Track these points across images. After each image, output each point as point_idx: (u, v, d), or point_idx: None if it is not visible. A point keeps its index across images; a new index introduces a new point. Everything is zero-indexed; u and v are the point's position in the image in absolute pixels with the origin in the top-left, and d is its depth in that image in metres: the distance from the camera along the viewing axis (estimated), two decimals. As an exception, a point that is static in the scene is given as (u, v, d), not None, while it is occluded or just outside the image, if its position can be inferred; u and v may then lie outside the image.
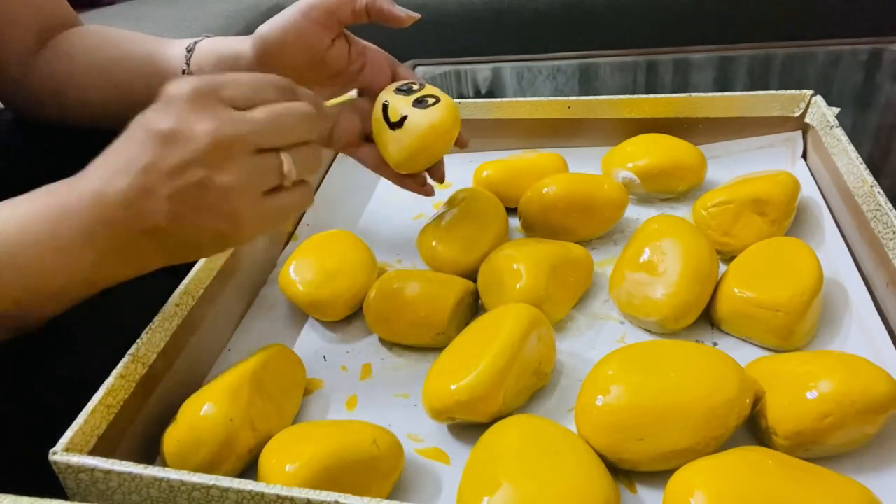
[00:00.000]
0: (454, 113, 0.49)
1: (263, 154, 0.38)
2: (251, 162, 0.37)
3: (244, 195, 0.37)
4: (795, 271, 0.46)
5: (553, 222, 0.57)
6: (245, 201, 0.37)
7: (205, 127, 0.36)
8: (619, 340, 0.49)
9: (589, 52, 0.93)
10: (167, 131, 0.36)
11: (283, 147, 0.39)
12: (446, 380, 0.41)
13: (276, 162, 0.39)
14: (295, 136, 0.40)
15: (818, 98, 0.61)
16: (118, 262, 0.38)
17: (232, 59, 0.52)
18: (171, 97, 0.37)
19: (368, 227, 0.64)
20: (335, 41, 0.51)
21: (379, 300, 0.49)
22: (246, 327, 0.53)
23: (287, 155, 0.39)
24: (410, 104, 0.49)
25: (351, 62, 0.53)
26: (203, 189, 0.36)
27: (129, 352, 0.41)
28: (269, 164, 0.38)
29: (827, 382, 0.37)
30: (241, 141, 0.37)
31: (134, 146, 0.37)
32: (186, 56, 0.54)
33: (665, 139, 0.63)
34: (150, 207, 0.36)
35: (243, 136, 0.37)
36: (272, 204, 0.39)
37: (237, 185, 0.37)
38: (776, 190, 0.52)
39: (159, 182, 0.36)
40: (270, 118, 0.38)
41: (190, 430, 0.40)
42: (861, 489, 0.34)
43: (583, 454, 0.37)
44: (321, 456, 0.37)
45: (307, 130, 0.40)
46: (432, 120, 0.48)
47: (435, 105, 0.49)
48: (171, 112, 0.36)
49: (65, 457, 0.35)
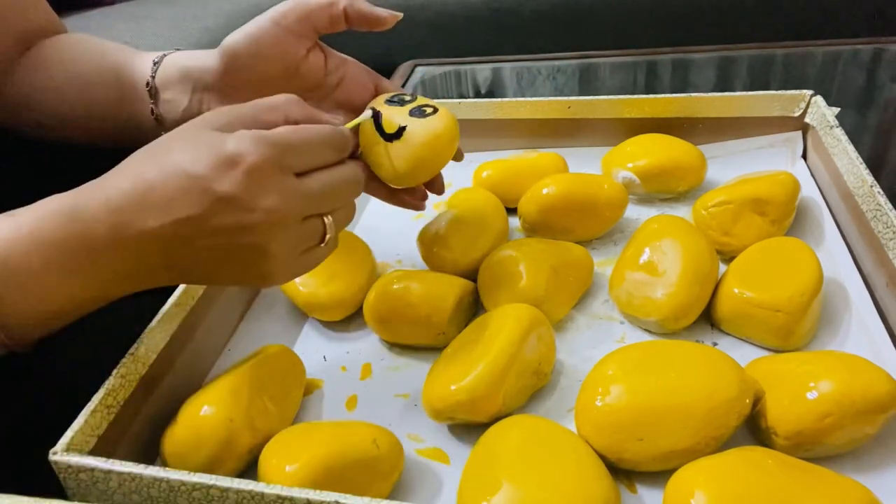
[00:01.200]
0: (455, 122, 0.46)
1: (310, 220, 0.38)
2: (298, 230, 0.38)
3: (283, 257, 0.38)
4: (795, 271, 0.46)
5: (553, 222, 0.57)
6: (283, 262, 0.38)
7: (268, 203, 0.35)
8: (619, 340, 0.49)
9: (589, 52, 0.93)
10: (227, 196, 0.35)
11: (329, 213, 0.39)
12: (446, 380, 0.41)
13: (320, 228, 0.39)
14: (341, 202, 0.40)
15: (818, 98, 0.61)
16: (130, 286, 0.38)
17: (198, 72, 0.50)
18: (235, 160, 0.35)
19: (368, 227, 0.64)
20: (310, 52, 0.48)
21: (379, 300, 0.49)
22: (246, 327, 0.53)
23: (330, 219, 0.39)
24: (407, 114, 0.46)
25: (328, 74, 0.49)
26: (246, 254, 0.36)
27: (129, 352, 0.41)
28: (314, 229, 0.39)
29: (827, 382, 0.37)
30: (294, 214, 0.37)
31: (180, 192, 0.35)
32: (153, 69, 0.52)
33: (665, 139, 0.63)
34: (183, 254, 0.36)
35: (297, 209, 0.37)
36: (305, 260, 0.40)
37: (281, 251, 0.37)
38: (776, 190, 0.52)
39: (200, 236, 0.36)
40: (325, 189, 0.38)
41: (190, 431, 0.40)
42: (861, 489, 0.34)
43: (583, 454, 0.37)
44: (321, 456, 0.37)
45: (352, 194, 0.41)
46: (435, 129, 0.45)
47: (434, 114, 0.46)
48: (233, 177, 0.35)
49: (65, 457, 0.35)
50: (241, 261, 0.37)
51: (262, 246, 0.36)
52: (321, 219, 0.39)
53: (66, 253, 0.35)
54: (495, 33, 1.08)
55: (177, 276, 0.39)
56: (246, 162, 0.35)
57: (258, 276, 0.38)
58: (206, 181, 0.35)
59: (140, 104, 0.52)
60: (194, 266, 0.37)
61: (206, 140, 0.36)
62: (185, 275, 0.39)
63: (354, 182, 0.41)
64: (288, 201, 0.36)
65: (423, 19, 1.04)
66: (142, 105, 0.52)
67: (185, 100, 0.51)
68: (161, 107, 0.52)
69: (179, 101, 0.51)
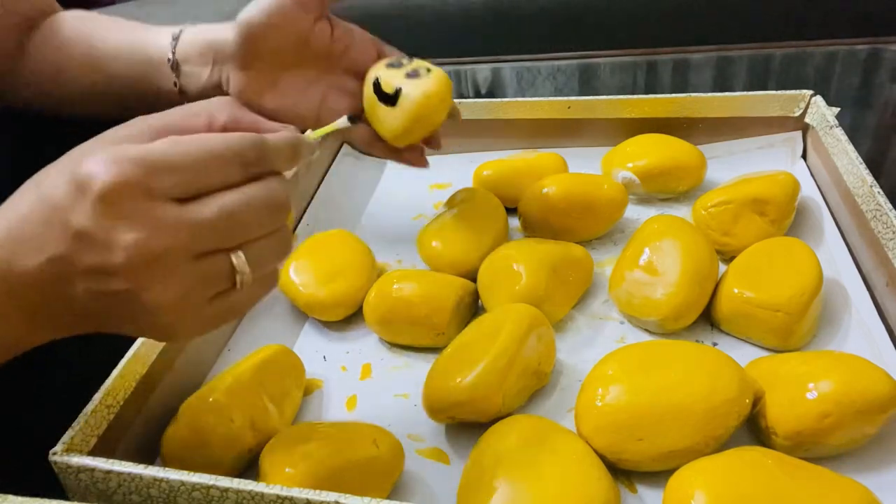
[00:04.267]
0: (447, 81, 0.49)
1: (208, 257, 0.31)
2: (190, 272, 0.30)
3: (180, 309, 0.30)
4: (795, 271, 0.46)
5: (553, 222, 0.57)
6: (180, 314, 0.31)
7: (126, 238, 0.28)
8: (619, 340, 0.49)
9: (589, 52, 0.93)
10: (81, 232, 0.29)
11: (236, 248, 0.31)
12: (446, 380, 0.41)
13: (226, 267, 0.31)
14: (254, 231, 0.32)
15: (818, 98, 0.61)
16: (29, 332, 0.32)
17: (217, 45, 0.52)
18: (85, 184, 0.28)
19: (368, 227, 0.64)
20: (318, 22, 0.50)
21: (379, 300, 0.49)
22: (246, 327, 0.53)
23: (240, 255, 0.31)
24: (403, 76, 0.49)
25: (335, 42, 0.51)
26: (125, 302, 0.30)
27: (129, 352, 0.41)
28: (216, 269, 0.31)
29: (827, 382, 0.37)
30: (176, 251, 0.29)
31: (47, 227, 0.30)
32: (172, 43, 0.54)
33: (665, 139, 0.63)
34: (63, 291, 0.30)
35: (180, 245, 0.29)
36: (219, 308, 0.32)
37: (170, 301, 0.30)
38: (776, 190, 0.52)
39: (74, 276, 0.30)
40: (221, 218, 0.30)
41: (190, 430, 0.40)
42: (861, 489, 0.34)
43: (583, 454, 0.37)
44: (321, 456, 0.37)
45: (272, 222, 0.32)
46: (427, 89, 0.48)
47: (428, 75, 0.49)
48: (84, 206, 0.28)
49: (65, 457, 0.35)
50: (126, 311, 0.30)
51: (135, 294, 0.29)
52: (226, 255, 0.31)
53: None
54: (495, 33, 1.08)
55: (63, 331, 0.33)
56: (95, 187, 0.28)
57: (156, 330, 0.32)
58: (63, 212, 0.29)
59: (161, 77, 0.54)
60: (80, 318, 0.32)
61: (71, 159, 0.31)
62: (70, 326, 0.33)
63: (267, 205, 0.32)
64: (159, 235, 0.29)
65: (423, 19, 1.04)
66: (163, 78, 0.54)
67: (206, 71, 0.53)
68: (182, 79, 0.54)
69: (200, 73, 0.53)
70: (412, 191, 0.69)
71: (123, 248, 0.28)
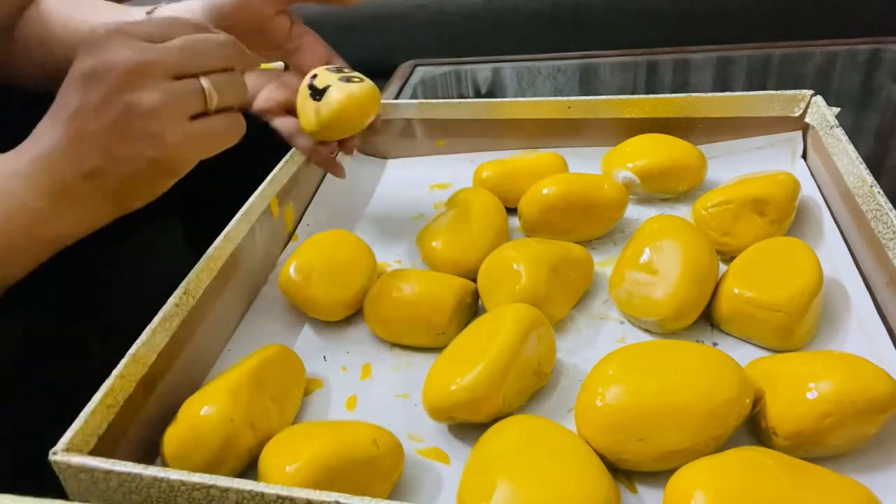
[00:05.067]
0: (374, 93, 0.54)
1: (183, 80, 0.40)
2: (170, 87, 0.39)
3: (167, 118, 0.39)
4: (795, 271, 0.46)
5: (553, 222, 0.57)
6: (169, 124, 0.39)
7: (119, 58, 0.38)
8: (619, 340, 0.49)
9: (589, 52, 0.93)
10: (87, 70, 0.39)
11: (202, 73, 0.41)
12: (446, 380, 0.41)
13: (196, 86, 0.41)
14: (213, 62, 0.42)
15: (818, 98, 0.61)
16: (68, 211, 0.40)
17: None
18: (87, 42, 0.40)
19: (368, 227, 0.64)
20: (278, 14, 0.55)
21: (379, 300, 0.49)
22: (246, 327, 0.53)
23: (207, 79, 0.41)
24: (337, 79, 0.54)
25: (290, 39, 0.57)
26: (128, 115, 0.39)
27: (129, 352, 0.41)
28: (190, 88, 0.40)
29: (827, 382, 0.37)
30: (156, 65, 0.39)
31: (63, 97, 0.40)
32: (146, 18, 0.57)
33: (665, 139, 0.63)
34: (85, 149, 0.39)
35: (158, 60, 0.39)
36: (198, 127, 0.41)
37: (158, 107, 0.39)
38: (776, 190, 0.52)
39: (88, 122, 0.39)
40: (184, 44, 0.41)
41: (190, 430, 0.40)
42: (861, 489, 0.34)
43: (583, 454, 0.37)
44: (321, 456, 0.37)
45: (226, 57, 0.42)
46: (352, 93, 0.53)
47: (357, 83, 0.54)
48: (89, 53, 0.39)
49: (65, 457, 0.35)
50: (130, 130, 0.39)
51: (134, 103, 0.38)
52: (195, 79, 0.41)
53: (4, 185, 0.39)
54: (495, 33, 1.08)
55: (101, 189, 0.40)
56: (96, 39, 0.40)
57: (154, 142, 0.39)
58: (72, 71, 0.40)
59: None
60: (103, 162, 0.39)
61: None
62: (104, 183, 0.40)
63: (220, 43, 0.42)
64: (140, 53, 0.39)
65: (423, 19, 1.04)
66: None
67: None
68: None
69: None
70: (412, 191, 0.69)
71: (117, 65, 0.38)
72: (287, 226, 0.62)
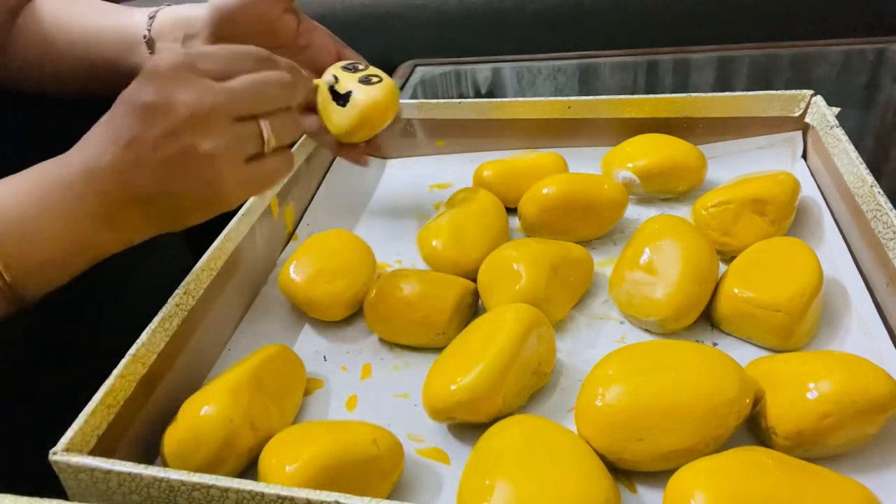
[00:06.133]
0: (394, 92, 0.56)
1: (243, 122, 0.40)
2: (231, 130, 0.39)
3: (226, 161, 0.39)
4: (795, 271, 0.46)
5: (553, 222, 0.57)
6: (228, 167, 0.39)
7: (185, 98, 0.38)
8: (619, 340, 0.49)
9: (589, 52, 0.93)
10: (149, 104, 0.38)
11: (261, 115, 0.41)
12: (446, 380, 0.41)
13: (256, 129, 0.41)
14: (273, 103, 0.42)
15: (818, 98, 0.61)
16: (109, 232, 0.40)
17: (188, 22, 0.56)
18: (150, 71, 0.39)
19: (368, 227, 0.64)
20: (284, 13, 0.55)
21: (379, 300, 0.49)
22: (246, 327, 0.53)
23: (266, 122, 0.41)
24: (357, 81, 0.55)
25: (298, 37, 0.57)
26: (187, 156, 0.38)
27: (129, 352, 0.41)
28: (249, 131, 0.40)
29: (827, 382, 0.37)
30: (220, 109, 0.39)
31: (119, 120, 0.39)
32: (149, 22, 0.57)
33: (665, 139, 0.63)
34: (139, 178, 0.38)
35: (222, 104, 0.39)
36: (254, 170, 0.41)
37: (219, 151, 0.39)
38: (776, 190, 0.52)
39: (146, 153, 0.38)
40: (247, 87, 0.40)
41: (190, 430, 0.40)
42: (861, 489, 0.34)
43: (583, 454, 0.37)
44: (321, 456, 0.37)
45: (285, 97, 0.42)
46: (375, 97, 0.54)
47: (378, 84, 0.55)
48: (151, 85, 0.38)
49: (65, 457, 0.35)
50: (187, 171, 0.39)
51: (195, 146, 0.38)
52: (255, 121, 0.41)
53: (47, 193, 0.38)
54: (495, 33, 1.08)
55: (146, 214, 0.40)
56: (159, 70, 0.39)
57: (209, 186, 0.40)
58: (133, 99, 0.39)
59: (137, 56, 0.58)
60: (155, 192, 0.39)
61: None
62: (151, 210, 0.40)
63: (280, 83, 0.42)
64: (206, 95, 0.38)
65: (423, 19, 1.04)
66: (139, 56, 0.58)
67: (177, 47, 0.56)
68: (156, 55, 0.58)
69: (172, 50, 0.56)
70: (412, 191, 0.69)
71: (181, 105, 0.38)
72: (287, 226, 0.62)
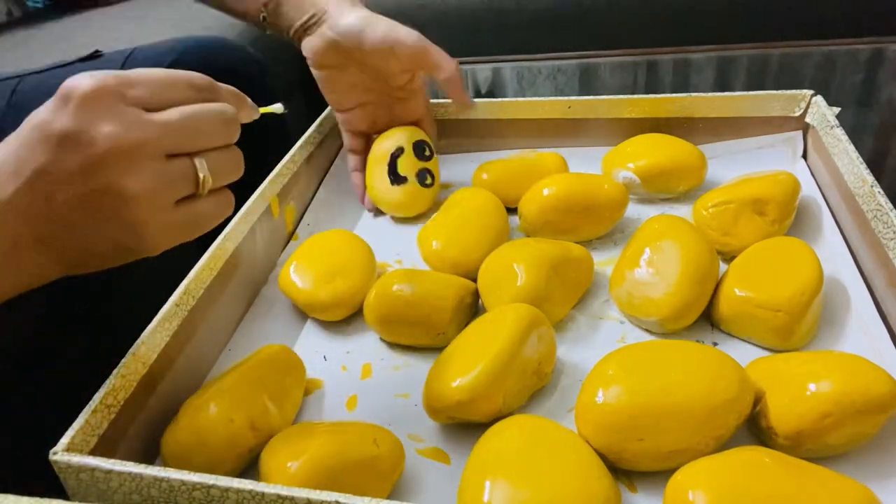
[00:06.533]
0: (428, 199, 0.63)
1: (174, 160, 0.35)
2: (160, 169, 0.34)
3: (152, 204, 0.34)
4: (795, 271, 0.46)
5: (553, 222, 0.57)
6: (153, 211, 0.34)
7: (107, 129, 0.32)
8: (619, 340, 0.49)
9: (589, 52, 0.93)
10: (63, 133, 0.32)
11: (197, 152, 0.35)
12: (446, 380, 0.41)
13: (190, 168, 0.35)
14: (211, 140, 0.36)
15: (818, 98, 0.61)
16: (12, 272, 0.35)
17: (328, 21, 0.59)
18: (68, 94, 0.33)
19: (368, 227, 0.64)
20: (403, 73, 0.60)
21: (379, 300, 0.49)
22: (246, 327, 0.53)
23: (202, 160, 0.35)
24: (415, 173, 0.61)
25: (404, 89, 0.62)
26: (104, 197, 0.33)
27: (129, 352, 0.41)
28: (181, 170, 0.35)
29: (827, 382, 0.37)
30: (148, 145, 0.33)
31: (26, 148, 0.33)
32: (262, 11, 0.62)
33: (665, 139, 0.63)
34: (45, 215, 0.33)
35: (151, 139, 0.33)
36: (185, 214, 0.36)
37: (143, 193, 0.33)
38: (776, 190, 0.52)
39: (54, 187, 0.33)
40: (182, 120, 0.34)
41: (190, 430, 0.40)
42: (861, 489, 0.34)
43: (583, 454, 0.37)
44: (321, 456, 0.37)
45: (226, 134, 0.37)
46: (412, 205, 0.62)
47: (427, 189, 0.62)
48: (67, 111, 0.32)
49: (65, 457, 0.35)
50: (105, 212, 0.33)
51: (116, 185, 0.33)
52: (189, 159, 0.35)
53: None
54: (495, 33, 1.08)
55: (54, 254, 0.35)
56: (78, 93, 0.32)
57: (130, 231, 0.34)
58: (45, 125, 0.33)
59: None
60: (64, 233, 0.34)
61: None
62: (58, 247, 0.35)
63: (221, 117, 0.36)
64: (132, 128, 0.33)
65: (423, 19, 1.04)
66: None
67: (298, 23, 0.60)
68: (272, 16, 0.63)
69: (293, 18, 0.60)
70: (412, 191, 0.69)
71: (104, 138, 0.32)
72: (287, 226, 0.62)
